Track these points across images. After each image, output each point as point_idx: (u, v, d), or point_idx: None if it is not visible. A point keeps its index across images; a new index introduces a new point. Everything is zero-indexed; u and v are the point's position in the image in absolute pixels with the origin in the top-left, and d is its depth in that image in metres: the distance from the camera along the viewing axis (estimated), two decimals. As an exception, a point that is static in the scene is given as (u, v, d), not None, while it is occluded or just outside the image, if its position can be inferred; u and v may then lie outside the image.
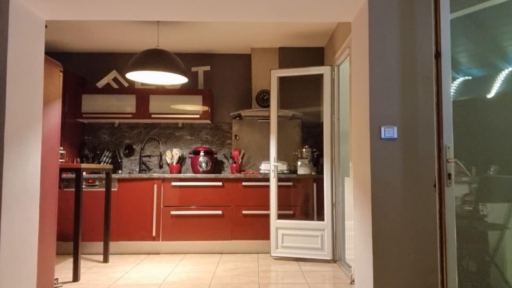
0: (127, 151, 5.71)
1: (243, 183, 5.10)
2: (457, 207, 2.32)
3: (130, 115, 5.40)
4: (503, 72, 2.72)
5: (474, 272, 2.69)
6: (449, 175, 2.22)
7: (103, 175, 5.05)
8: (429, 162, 2.51)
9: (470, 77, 2.77)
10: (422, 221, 2.48)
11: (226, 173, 5.63)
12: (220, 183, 5.09)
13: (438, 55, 2.26)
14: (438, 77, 2.24)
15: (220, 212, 5.08)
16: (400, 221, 2.51)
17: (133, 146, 5.74)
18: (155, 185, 5.05)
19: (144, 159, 5.73)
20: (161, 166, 5.72)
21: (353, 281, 3.81)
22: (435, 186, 2.26)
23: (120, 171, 5.57)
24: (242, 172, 5.38)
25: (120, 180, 5.03)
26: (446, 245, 2.18)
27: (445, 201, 2.19)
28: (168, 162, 5.53)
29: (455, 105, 2.31)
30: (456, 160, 2.24)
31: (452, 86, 2.41)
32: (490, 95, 2.74)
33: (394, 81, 2.59)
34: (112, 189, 5.00)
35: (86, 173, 5.15)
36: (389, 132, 2.53)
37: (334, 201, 4.63)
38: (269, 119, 5.07)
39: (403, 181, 2.53)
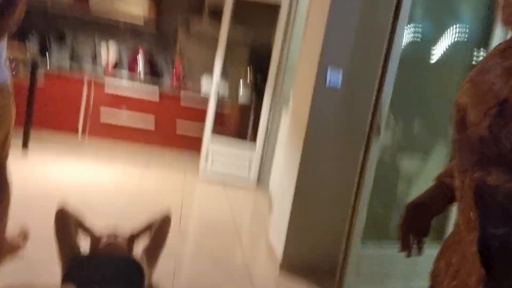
0: (57, 38, 5.17)
1: (181, 99, 4.98)
2: (379, 158, 2.46)
3: (67, 5, 4.87)
4: (451, 36, 2.78)
5: (380, 218, 2.94)
6: (379, 127, 2.32)
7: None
8: (367, 116, 2.56)
9: (421, 37, 2.80)
10: (348, 171, 2.59)
11: (165, 84, 5.42)
12: (157, 96, 4.93)
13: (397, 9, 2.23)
14: (392, 31, 2.24)
15: (152, 123, 4.98)
16: (328, 168, 2.62)
17: (65, 34, 5.21)
18: (86, 85, 4.76)
19: (76, 51, 5.28)
20: (95, 62, 5.33)
21: (272, 208, 4.03)
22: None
23: (48, 59, 5.06)
24: (181, 88, 5.22)
25: (47, 75, 4.65)
26: (361, 189, 2.34)
27: (369, 152, 2.30)
28: (103, 59, 5.16)
29: (401, 61, 2.35)
30: (389, 115, 2.34)
31: (404, 43, 2.42)
32: (436, 56, 2.81)
33: (352, 24, 2.54)
34: (38, 82, 4.62)
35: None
36: (335, 76, 2.53)
37: (268, 130, 4.71)
38: (218, 37, 4.85)
39: (338, 131, 2.59)
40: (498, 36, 2.69)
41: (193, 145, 5.06)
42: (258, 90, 5.22)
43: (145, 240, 2.20)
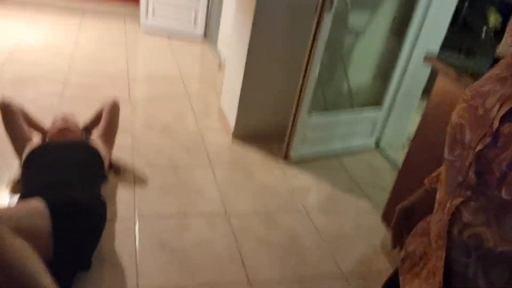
0: None
1: None
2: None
3: None
4: None
5: (325, 91, 3.04)
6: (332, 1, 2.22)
7: None
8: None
9: None
10: (300, 43, 2.54)
11: None
12: None
13: None
14: None
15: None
16: (280, 39, 2.52)
17: None
18: None
19: None
20: None
21: (221, 66, 3.99)
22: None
23: None
24: None
25: None
26: (311, 64, 2.37)
27: (321, 25, 2.25)
28: None
29: None
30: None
31: None
32: None
33: None
34: None
35: None
36: None
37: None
38: None
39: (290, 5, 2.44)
40: None
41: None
42: None
43: (98, 127, 2.20)
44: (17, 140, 1.97)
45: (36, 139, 2.03)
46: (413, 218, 0.90)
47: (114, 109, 2.20)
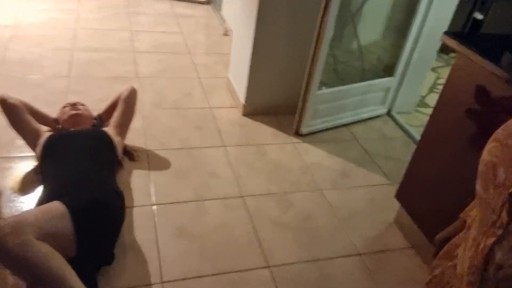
0: None
1: None
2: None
3: None
4: None
5: (333, 65, 2.95)
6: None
7: None
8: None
9: None
10: (310, 18, 2.44)
11: None
12: None
13: None
14: None
15: None
16: (288, 15, 2.43)
17: None
18: None
19: None
20: None
21: (227, 33, 3.88)
22: None
23: None
24: None
25: None
26: (322, 39, 2.29)
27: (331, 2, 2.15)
28: None
29: None
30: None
31: None
32: None
33: None
34: None
35: None
36: None
37: None
38: None
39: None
40: None
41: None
42: None
43: (114, 114, 2.19)
44: (27, 134, 1.97)
45: (47, 130, 2.04)
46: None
47: (131, 98, 2.19)
